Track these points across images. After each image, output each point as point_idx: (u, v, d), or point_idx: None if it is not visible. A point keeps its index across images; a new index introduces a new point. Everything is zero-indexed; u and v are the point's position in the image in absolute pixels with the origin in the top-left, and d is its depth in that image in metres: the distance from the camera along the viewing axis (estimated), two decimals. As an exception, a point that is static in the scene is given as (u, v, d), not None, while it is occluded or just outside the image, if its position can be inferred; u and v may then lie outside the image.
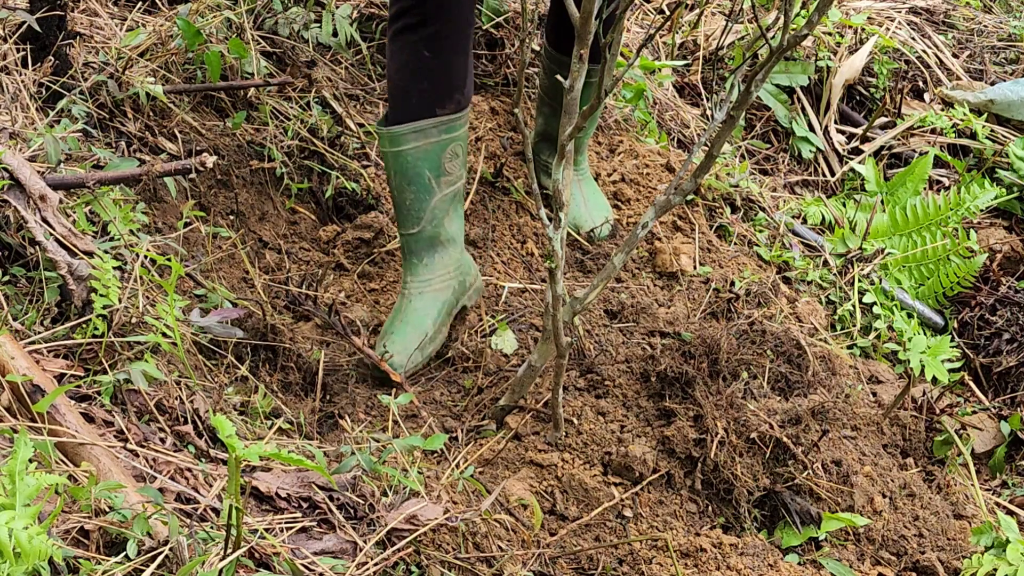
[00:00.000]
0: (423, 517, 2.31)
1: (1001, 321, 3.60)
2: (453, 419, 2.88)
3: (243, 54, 3.33)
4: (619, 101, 3.87)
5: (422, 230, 2.96)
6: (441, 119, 2.86)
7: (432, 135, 2.87)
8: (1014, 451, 3.29)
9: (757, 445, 2.69)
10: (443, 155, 2.90)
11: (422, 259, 3.00)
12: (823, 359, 3.07)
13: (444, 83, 2.85)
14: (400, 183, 2.91)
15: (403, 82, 2.85)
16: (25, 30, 2.98)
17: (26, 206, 2.49)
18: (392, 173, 2.92)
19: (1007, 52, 4.97)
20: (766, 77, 2.33)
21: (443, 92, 2.85)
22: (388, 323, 3.00)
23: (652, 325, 3.09)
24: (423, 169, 2.89)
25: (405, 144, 2.86)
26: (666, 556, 2.48)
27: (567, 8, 2.24)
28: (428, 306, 2.99)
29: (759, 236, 3.62)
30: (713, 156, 2.41)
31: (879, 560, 2.71)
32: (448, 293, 3.02)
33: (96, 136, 2.99)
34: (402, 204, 2.94)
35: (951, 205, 3.88)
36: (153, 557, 1.94)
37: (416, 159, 2.88)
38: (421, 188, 2.91)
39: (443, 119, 2.86)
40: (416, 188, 2.91)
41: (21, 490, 1.81)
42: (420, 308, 2.98)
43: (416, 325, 2.96)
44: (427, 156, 2.88)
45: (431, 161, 2.89)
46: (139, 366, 2.39)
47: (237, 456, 1.88)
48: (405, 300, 3.00)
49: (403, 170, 2.89)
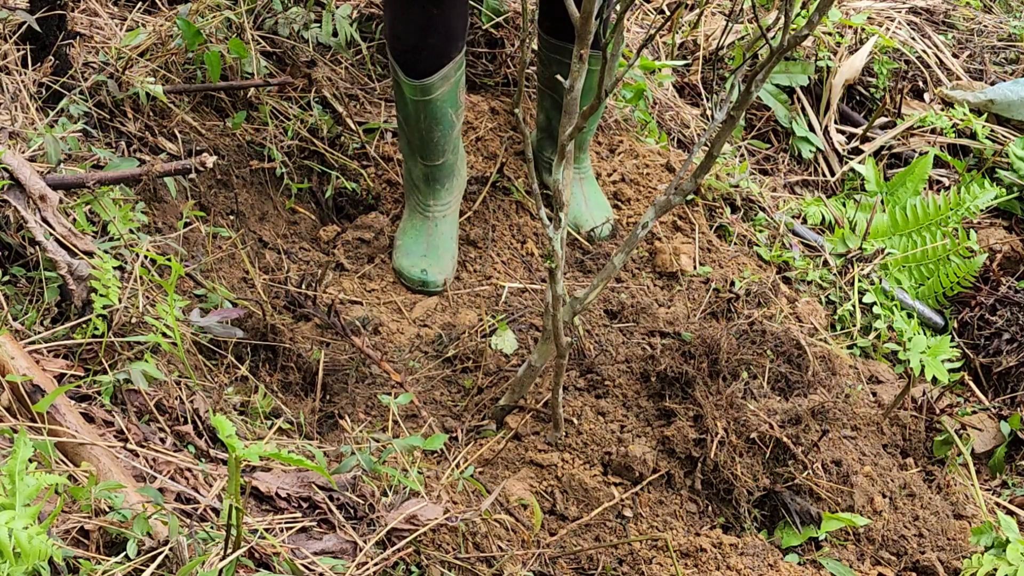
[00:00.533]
0: (423, 517, 2.31)
1: (1001, 321, 3.60)
2: (453, 419, 2.88)
3: (243, 54, 3.33)
4: (619, 101, 3.87)
5: (446, 160, 3.22)
6: (454, 61, 3.07)
7: (451, 76, 3.10)
8: (1014, 451, 3.29)
9: (757, 445, 2.69)
10: (458, 90, 3.14)
11: (444, 184, 3.26)
12: (823, 359, 3.07)
13: (452, 33, 3.06)
14: (429, 124, 3.14)
15: (414, 39, 3.03)
16: (25, 30, 2.98)
17: (26, 206, 2.49)
18: (421, 117, 3.12)
19: (1007, 52, 4.97)
20: (766, 77, 2.32)
21: (451, 40, 3.06)
22: (414, 245, 3.24)
23: (652, 325, 3.09)
24: (447, 108, 3.13)
25: (434, 91, 3.08)
26: (666, 556, 2.48)
27: (567, 8, 2.24)
28: (451, 227, 3.30)
29: (759, 236, 3.62)
30: (713, 156, 2.41)
31: (879, 560, 2.70)
32: (458, 211, 3.34)
33: (96, 136, 2.99)
34: (429, 141, 3.17)
35: (951, 205, 3.88)
36: (153, 557, 1.94)
37: (443, 101, 3.11)
38: (447, 124, 3.16)
39: (455, 61, 3.08)
40: (443, 126, 3.16)
41: (21, 490, 1.81)
42: (446, 231, 3.27)
43: (447, 247, 3.26)
44: (450, 96, 3.12)
45: (452, 99, 3.13)
46: (139, 366, 2.39)
47: (237, 456, 1.88)
48: (431, 223, 3.27)
49: (433, 113, 3.12)
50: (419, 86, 3.07)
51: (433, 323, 3.16)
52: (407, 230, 3.29)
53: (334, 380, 2.92)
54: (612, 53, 2.30)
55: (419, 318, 3.18)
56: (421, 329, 3.14)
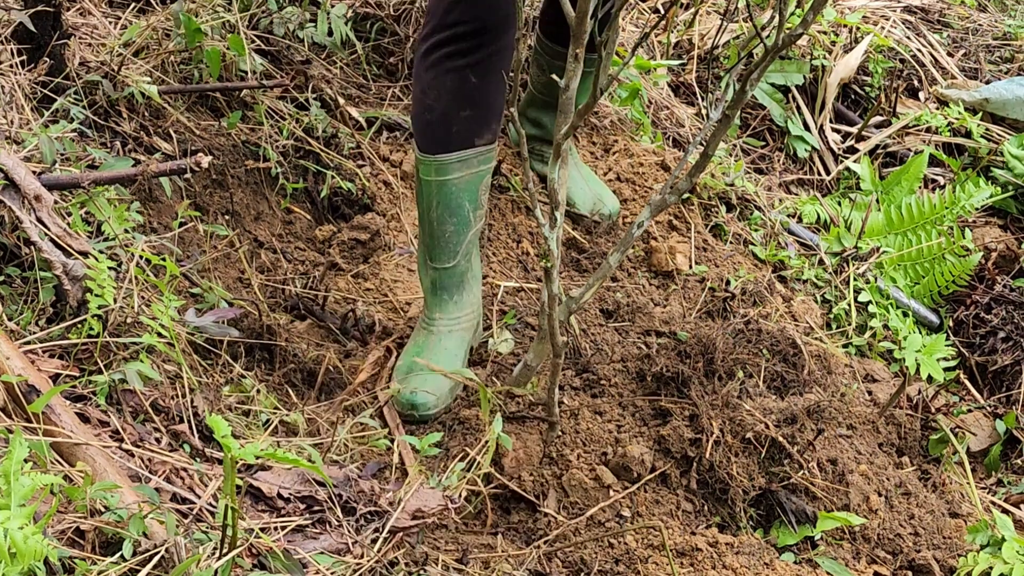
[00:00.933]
0: (421, 515, 2.32)
1: (996, 319, 3.60)
2: (452, 417, 2.88)
3: (242, 52, 3.32)
4: (614, 101, 3.87)
5: (456, 264, 2.87)
6: (480, 150, 2.80)
7: (473, 165, 2.80)
8: (1009, 449, 3.29)
9: (753, 444, 2.69)
10: (480, 186, 2.84)
11: (452, 296, 2.90)
12: (819, 358, 3.07)
13: (486, 111, 2.78)
14: (442, 214, 2.82)
15: (446, 109, 2.75)
16: (20, 30, 2.98)
17: (21, 206, 2.48)
18: (434, 203, 2.82)
19: (1002, 51, 4.97)
20: (761, 76, 2.33)
21: (484, 120, 2.79)
22: (410, 360, 2.86)
23: (648, 324, 3.10)
24: (464, 200, 2.82)
25: (451, 174, 2.78)
26: (662, 555, 2.48)
27: (563, 7, 2.24)
28: (457, 346, 2.89)
29: (755, 235, 3.62)
30: (708, 155, 2.41)
31: (875, 559, 2.71)
32: (470, 333, 2.95)
33: (91, 136, 2.99)
34: (440, 237, 2.84)
35: (946, 204, 3.88)
36: (149, 557, 1.94)
37: (459, 189, 2.80)
38: (461, 220, 2.84)
39: (481, 150, 2.80)
40: (457, 220, 2.83)
41: (16, 490, 1.81)
42: (450, 348, 2.87)
43: (448, 367, 2.82)
44: (468, 187, 2.81)
45: (471, 192, 2.82)
46: (134, 366, 2.39)
47: (233, 456, 1.88)
48: (434, 338, 2.88)
49: (447, 200, 2.80)
50: (435, 164, 2.77)
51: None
52: (408, 345, 2.94)
53: (332, 379, 2.92)
54: (607, 52, 2.30)
55: (415, 318, 3.17)
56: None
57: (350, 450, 2.66)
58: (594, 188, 3.49)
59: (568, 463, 2.63)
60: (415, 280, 3.27)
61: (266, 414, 2.68)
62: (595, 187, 3.49)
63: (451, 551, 2.40)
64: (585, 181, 3.48)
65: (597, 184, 3.52)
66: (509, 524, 2.57)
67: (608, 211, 3.46)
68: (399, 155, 3.55)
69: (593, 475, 2.63)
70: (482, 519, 2.55)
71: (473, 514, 2.55)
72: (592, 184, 3.50)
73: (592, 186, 3.49)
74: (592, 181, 3.51)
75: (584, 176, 3.49)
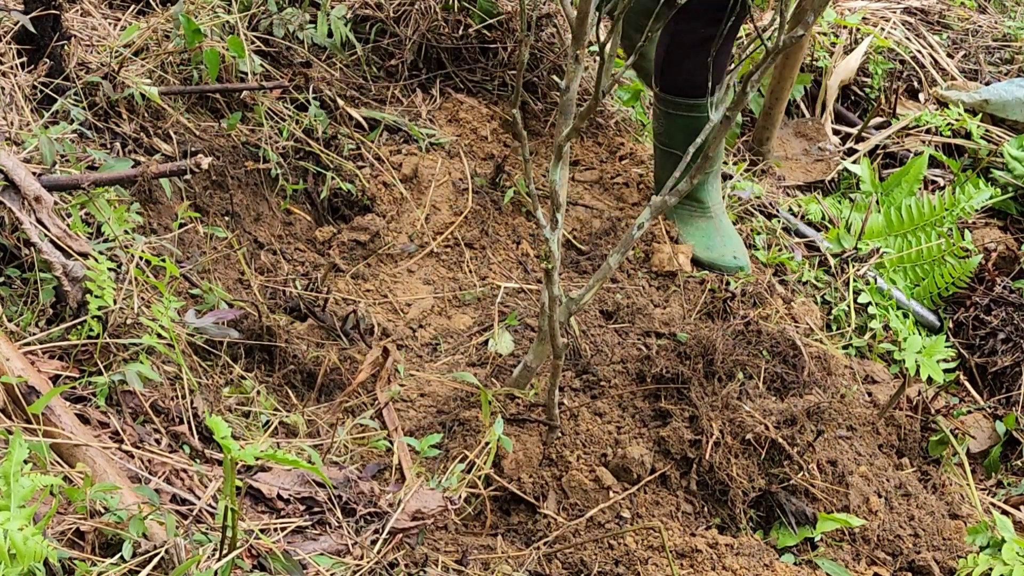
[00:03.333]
0: (421, 515, 2.32)
1: (996, 321, 3.60)
2: (451, 419, 2.88)
3: (241, 53, 3.32)
4: (615, 101, 3.88)
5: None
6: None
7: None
8: (1009, 451, 3.29)
9: (752, 446, 2.69)
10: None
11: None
12: (818, 359, 3.07)
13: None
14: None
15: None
16: (20, 31, 2.97)
17: (21, 207, 2.48)
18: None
19: (1002, 52, 4.98)
20: (762, 77, 2.33)
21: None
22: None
23: (648, 326, 3.09)
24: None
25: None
26: (662, 557, 2.48)
27: (563, 7, 2.24)
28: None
29: (756, 238, 3.62)
30: (709, 156, 2.41)
31: (875, 560, 2.71)
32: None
33: (91, 137, 2.99)
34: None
35: (946, 205, 3.88)
36: (149, 558, 1.94)
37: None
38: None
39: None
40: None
41: (16, 491, 1.81)
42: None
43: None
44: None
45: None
46: (134, 367, 2.39)
47: (232, 457, 1.88)
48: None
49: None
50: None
51: (428, 324, 3.16)
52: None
53: (331, 380, 2.92)
54: (608, 54, 2.30)
55: (415, 319, 3.18)
56: (417, 331, 3.14)
57: (350, 451, 2.66)
58: (731, 245, 3.47)
59: (568, 464, 2.63)
60: (415, 280, 3.28)
61: (266, 415, 2.68)
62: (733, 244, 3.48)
63: (451, 552, 2.40)
64: (725, 237, 3.47)
65: (736, 241, 3.50)
66: (509, 525, 2.57)
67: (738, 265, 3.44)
68: (399, 156, 3.55)
69: (593, 476, 2.63)
70: (482, 520, 2.55)
71: (473, 515, 2.55)
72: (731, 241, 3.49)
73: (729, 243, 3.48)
74: (733, 238, 3.50)
75: (725, 231, 3.49)
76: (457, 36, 3.82)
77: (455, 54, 3.82)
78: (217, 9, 3.42)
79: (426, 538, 2.38)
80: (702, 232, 3.46)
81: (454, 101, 3.76)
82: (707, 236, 3.44)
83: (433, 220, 3.45)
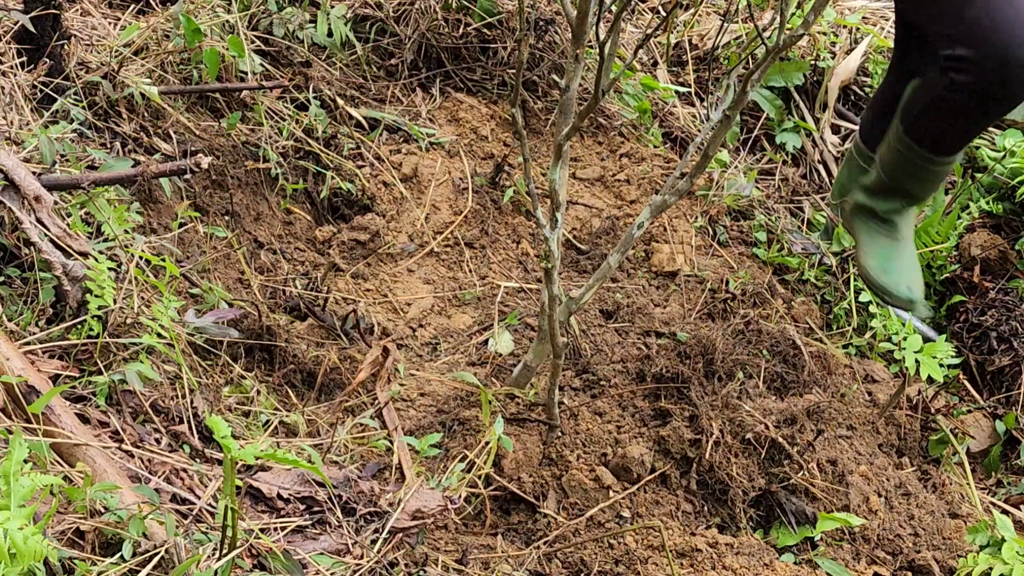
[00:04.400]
0: (421, 515, 2.32)
1: (991, 321, 3.60)
2: (451, 418, 2.88)
3: (241, 53, 3.32)
4: (620, 103, 3.88)
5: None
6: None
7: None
8: (1009, 450, 3.29)
9: (752, 445, 2.69)
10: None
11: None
12: (818, 359, 3.07)
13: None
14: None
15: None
16: (20, 31, 2.98)
17: (21, 207, 2.48)
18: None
19: (1001, 52, 4.96)
20: (762, 76, 2.33)
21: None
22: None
23: (648, 325, 3.09)
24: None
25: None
26: (662, 556, 2.48)
27: (563, 7, 2.24)
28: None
29: (757, 237, 3.62)
30: (708, 156, 2.41)
31: (875, 559, 2.71)
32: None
33: (91, 137, 2.99)
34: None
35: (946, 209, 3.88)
36: (149, 558, 1.94)
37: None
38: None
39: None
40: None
41: (16, 491, 1.81)
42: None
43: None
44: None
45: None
46: (134, 367, 2.39)
47: (232, 457, 1.88)
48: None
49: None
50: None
51: (428, 324, 3.16)
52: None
53: (331, 380, 2.92)
54: (608, 53, 2.30)
55: (415, 318, 3.18)
56: (417, 330, 3.14)
57: (350, 451, 2.66)
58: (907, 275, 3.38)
59: (568, 464, 2.63)
60: (415, 280, 3.28)
61: (266, 415, 2.68)
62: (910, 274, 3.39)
63: (451, 552, 2.40)
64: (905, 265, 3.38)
65: (915, 273, 3.42)
66: (509, 525, 2.57)
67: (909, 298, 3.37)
68: (399, 156, 3.55)
69: (593, 476, 2.63)
70: (482, 520, 2.55)
71: (473, 515, 2.55)
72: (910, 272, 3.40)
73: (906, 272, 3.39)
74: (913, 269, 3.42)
75: (906, 259, 3.40)
76: (457, 35, 3.82)
77: (455, 53, 3.82)
78: (217, 8, 3.42)
79: (426, 538, 2.38)
80: (884, 252, 3.35)
81: (454, 100, 3.76)
82: (887, 259, 3.33)
83: (433, 219, 3.45)
